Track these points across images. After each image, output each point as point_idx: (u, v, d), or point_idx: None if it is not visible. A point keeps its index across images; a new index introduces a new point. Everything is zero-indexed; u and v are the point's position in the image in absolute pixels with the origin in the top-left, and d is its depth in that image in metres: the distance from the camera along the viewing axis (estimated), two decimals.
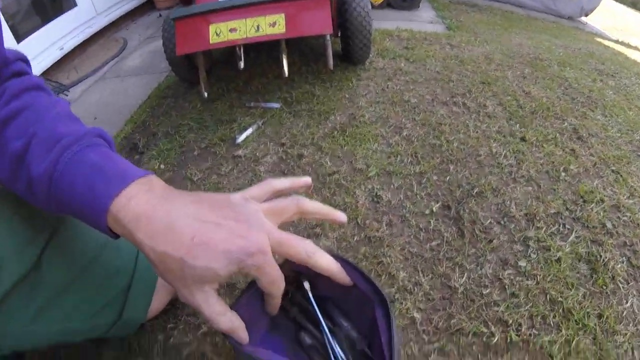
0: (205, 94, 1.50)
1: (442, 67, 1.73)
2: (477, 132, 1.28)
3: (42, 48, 2.25)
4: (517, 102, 1.47)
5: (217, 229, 0.43)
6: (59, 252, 0.64)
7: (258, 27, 1.28)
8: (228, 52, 2.00)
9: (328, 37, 1.39)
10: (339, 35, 1.70)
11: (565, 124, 1.36)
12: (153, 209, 0.42)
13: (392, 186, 1.09)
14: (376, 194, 1.07)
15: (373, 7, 2.67)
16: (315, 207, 0.55)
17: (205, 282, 0.44)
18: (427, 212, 1.00)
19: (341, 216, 0.57)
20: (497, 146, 1.22)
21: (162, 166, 1.35)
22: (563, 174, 1.12)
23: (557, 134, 1.29)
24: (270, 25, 1.28)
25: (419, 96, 1.49)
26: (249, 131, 1.38)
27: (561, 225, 0.97)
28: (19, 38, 2.11)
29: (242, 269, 0.44)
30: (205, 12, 1.33)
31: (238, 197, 0.48)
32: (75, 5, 2.58)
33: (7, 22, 2.02)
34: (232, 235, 0.43)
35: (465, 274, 0.86)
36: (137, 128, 1.62)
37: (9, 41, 1.99)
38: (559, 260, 0.88)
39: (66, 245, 0.65)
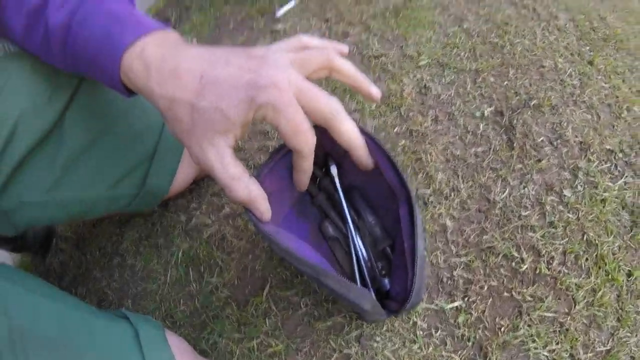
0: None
1: None
2: (544, 42, 1.14)
3: None
4: (590, 23, 1.31)
5: (227, 66, 0.40)
6: (82, 110, 0.60)
7: None
8: None
9: None
10: None
11: (637, 63, 1.21)
12: (163, 57, 0.41)
13: (443, 79, 0.98)
14: (425, 85, 0.97)
15: None
16: (349, 68, 0.48)
17: (216, 131, 0.40)
18: (477, 114, 0.91)
19: (375, 90, 0.49)
20: (563, 62, 1.09)
21: (194, 40, 1.30)
22: (625, 112, 1.01)
23: (627, 70, 1.15)
24: None
25: None
26: (291, 4, 1.26)
27: (613, 166, 0.87)
28: None
29: (257, 110, 0.39)
30: None
31: (260, 48, 0.44)
32: None
33: None
34: (243, 70, 0.39)
35: (507, 190, 0.78)
36: (169, 2, 1.54)
37: None
38: (604, 201, 0.80)
39: (89, 103, 0.61)
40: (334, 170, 0.59)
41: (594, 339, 0.66)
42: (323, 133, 0.46)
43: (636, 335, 0.67)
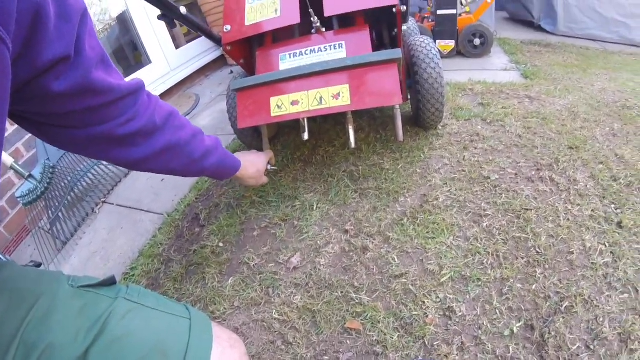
0: (269, 166, 1.42)
1: (523, 128, 1.60)
2: (568, 218, 1.16)
3: None
4: (610, 171, 1.32)
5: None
6: (105, 350, 0.66)
7: (321, 99, 1.22)
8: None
9: (397, 106, 1.28)
10: (409, 98, 1.62)
11: None
12: (246, 173, 1.18)
13: (467, 296, 0.99)
14: (448, 306, 0.97)
15: (442, 56, 2.56)
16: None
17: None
18: (506, 333, 0.90)
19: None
20: (591, 238, 1.09)
21: (220, 244, 1.35)
22: None
23: None
24: (333, 97, 1.21)
25: (500, 170, 1.38)
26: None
27: None
28: None
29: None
30: (265, 83, 1.29)
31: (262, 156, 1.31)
32: (150, 62, 2.72)
33: None
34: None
35: None
36: (200, 196, 1.64)
37: None
38: None
39: (112, 345, 0.67)
40: None
41: None
42: None
43: None
